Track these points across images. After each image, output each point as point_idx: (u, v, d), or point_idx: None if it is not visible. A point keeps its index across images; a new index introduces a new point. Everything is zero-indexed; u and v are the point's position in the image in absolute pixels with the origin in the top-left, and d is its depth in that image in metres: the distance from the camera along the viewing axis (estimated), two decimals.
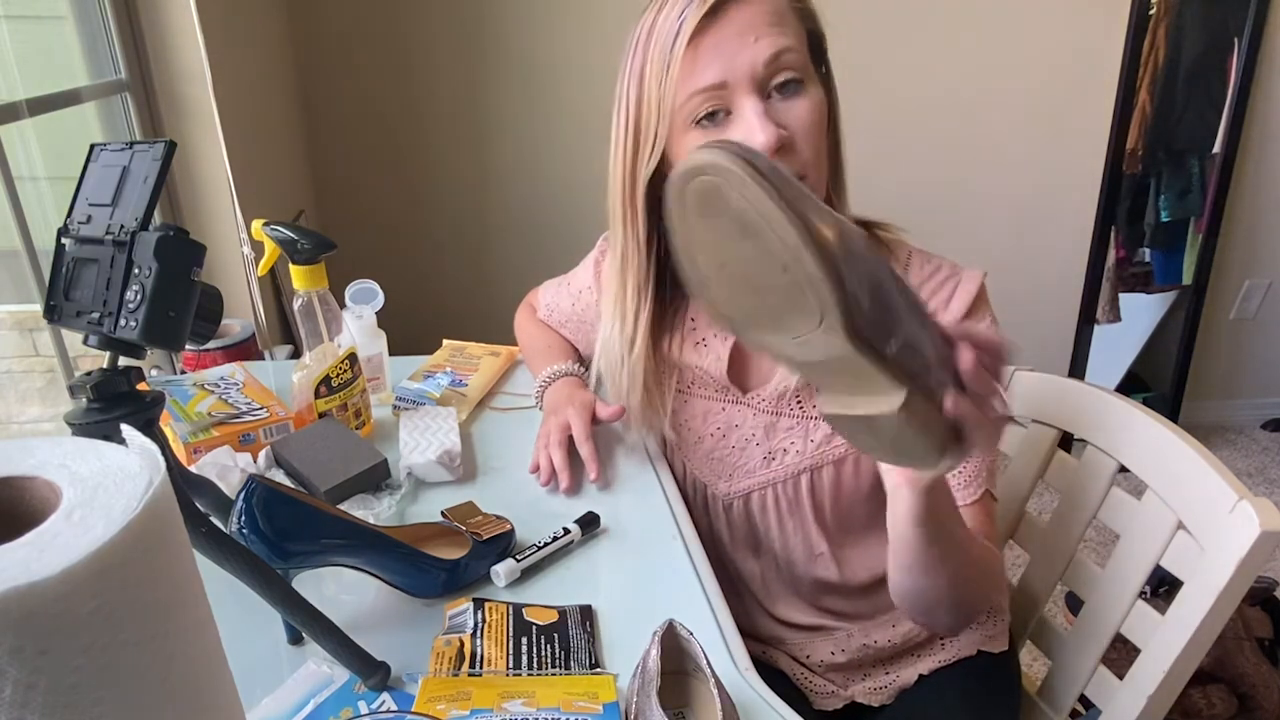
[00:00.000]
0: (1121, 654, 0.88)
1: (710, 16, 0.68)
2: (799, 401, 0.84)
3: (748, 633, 0.89)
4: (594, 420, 0.94)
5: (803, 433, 0.85)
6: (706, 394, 0.89)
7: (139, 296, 0.50)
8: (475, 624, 0.68)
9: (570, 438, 0.93)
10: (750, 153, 0.44)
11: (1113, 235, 2.42)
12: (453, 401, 1.06)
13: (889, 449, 0.53)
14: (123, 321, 0.51)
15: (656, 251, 0.83)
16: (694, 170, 0.45)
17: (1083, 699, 0.94)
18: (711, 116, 0.71)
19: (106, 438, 0.37)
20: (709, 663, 0.59)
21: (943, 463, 0.52)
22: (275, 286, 1.80)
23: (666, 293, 0.87)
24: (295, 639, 0.68)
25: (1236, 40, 2.25)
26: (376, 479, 0.88)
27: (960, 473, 0.81)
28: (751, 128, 0.69)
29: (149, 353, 0.60)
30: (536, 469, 0.93)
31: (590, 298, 1.02)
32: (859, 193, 0.81)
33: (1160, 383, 2.68)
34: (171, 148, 0.52)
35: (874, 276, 0.46)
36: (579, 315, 1.06)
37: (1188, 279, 2.48)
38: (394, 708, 0.61)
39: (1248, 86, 2.28)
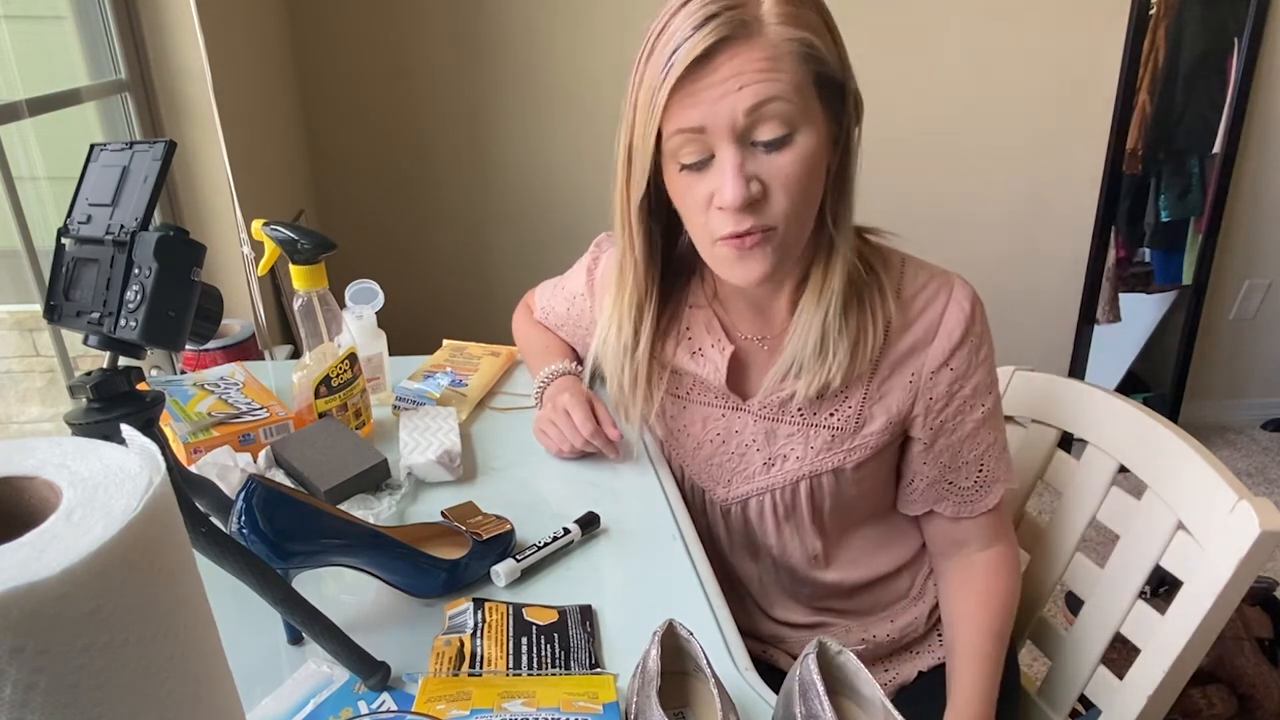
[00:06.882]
0: (1121, 654, 0.88)
1: (700, 62, 0.66)
2: (800, 409, 0.84)
3: (747, 632, 0.89)
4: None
5: (803, 439, 0.84)
6: (705, 400, 0.88)
7: (139, 296, 0.50)
8: (475, 624, 0.68)
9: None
10: None
11: (1113, 235, 2.42)
12: (453, 401, 1.06)
13: None
14: (123, 321, 0.51)
15: (657, 264, 0.82)
16: None
17: (1083, 699, 0.94)
18: (697, 165, 0.70)
19: (106, 438, 0.37)
20: (709, 663, 0.59)
21: None
22: (275, 286, 1.80)
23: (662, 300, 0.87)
24: (295, 639, 0.68)
25: (1236, 40, 2.25)
26: (376, 479, 0.88)
27: (982, 471, 0.84)
28: (724, 180, 0.68)
29: (149, 353, 0.60)
30: (561, 452, 0.96)
31: (584, 304, 1.02)
32: (858, 192, 0.80)
33: (1160, 383, 2.68)
34: (171, 148, 0.52)
35: None
36: (573, 319, 1.07)
37: (1188, 279, 2.48)
38: (394, 708, 0.61)
39: (1248, 86, 2.28)
